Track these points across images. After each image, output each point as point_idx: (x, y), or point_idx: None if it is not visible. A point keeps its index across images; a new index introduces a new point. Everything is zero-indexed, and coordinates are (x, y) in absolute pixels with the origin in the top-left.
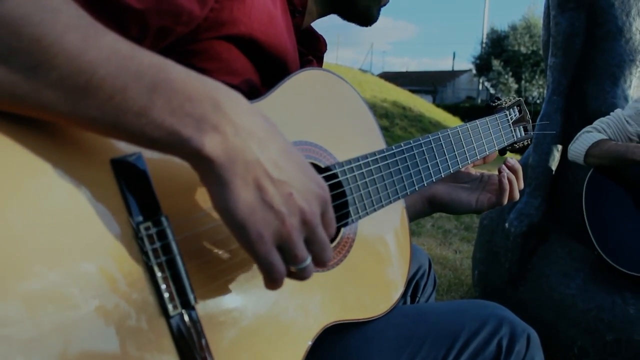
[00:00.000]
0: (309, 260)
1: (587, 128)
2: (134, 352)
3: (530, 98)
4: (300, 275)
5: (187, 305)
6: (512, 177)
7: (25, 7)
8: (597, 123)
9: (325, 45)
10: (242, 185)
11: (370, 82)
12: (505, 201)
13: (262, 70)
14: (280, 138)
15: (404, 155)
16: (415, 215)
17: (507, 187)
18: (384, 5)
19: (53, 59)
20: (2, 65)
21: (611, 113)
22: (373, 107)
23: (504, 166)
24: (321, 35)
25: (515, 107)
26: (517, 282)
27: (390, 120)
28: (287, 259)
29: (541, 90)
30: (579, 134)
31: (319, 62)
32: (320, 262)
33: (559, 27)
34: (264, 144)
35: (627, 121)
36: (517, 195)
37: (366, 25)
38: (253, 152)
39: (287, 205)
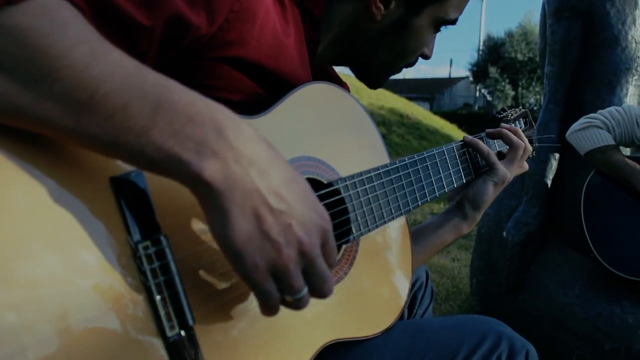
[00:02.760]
0: (305, 291)
1: (597, 121)
2: None
3: (528, 105)
4: (295, 304)
5: (185, 326)
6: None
7: (35, 19)
8: (608, 117)
9: (348, 90)
10: (240, 213)
11: (368, 89)
12: (525, 156)
13: (270, 90)
14: (283, 166)
15: (407, 170)
16: (453, 233)
17: (519, 154)
18: (395, 74)
19: (58, 72)
20: (5, 74)
21: (624, 106)
22: (370, 115)
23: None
24: (345, 82)
25: (521, 118)
26: (516, 291)
27: (388, 127)
28: (282, 288)
29: (538, 97)
30: (587, 121)
31: None
32: (320, 294)
33: (555, 35)
34: (264, 173)
35: (637, 123)
36: (529, 147)
37: (372, 88)
38: (253, 181)
39: (285, 235)
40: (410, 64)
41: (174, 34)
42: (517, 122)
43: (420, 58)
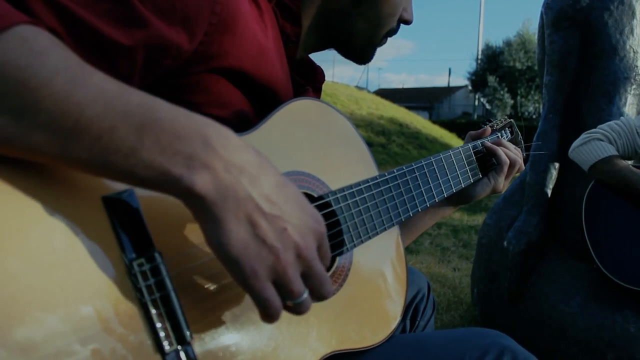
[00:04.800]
0: (305, 295)
1: (597, 134)
2: None
3: (526, 113)
4: (297, 309)
5: (182, 342)
6: (503, 150)
7: (12, 51)
8: (607, 130)
9: (323, 75)
10: (234, 221)
11: (367, 99)
12: (516, 168)
13: (254, 101)
14: (273, 172)
15: (397, 182)
16: (436, 218)
17: (507, 161)
18: (381, 45)
19: (41, 102)
20: None
21: (622, 119)
22: (370, 124)
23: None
24: (319, 66)
25: (506, 128)
26: (517, 300)
27: (387, 137)
28: (283, 293)
29: (537, 105)
30: (587, 136)
31: (317, 93)
32: (320, 296)
33: (553, 45)
34: (255, 179)
35: (637, 133)
36: (522, 163)
37: (361, 64)
38: (244, 188)
39: (282, 240)
40: (393, 31)
41: (155, 54)
42: (502, 131)
43: (402, 25)
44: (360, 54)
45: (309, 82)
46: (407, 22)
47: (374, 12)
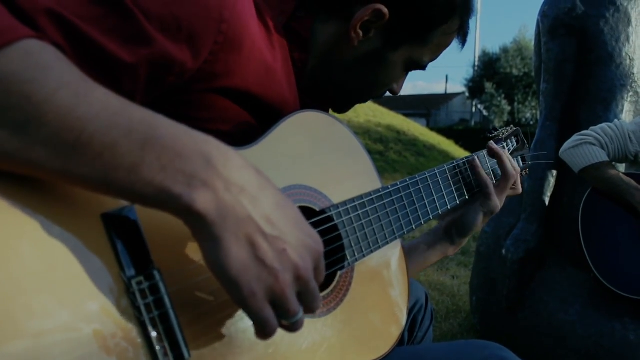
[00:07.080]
0: (301, 314)
1: (590, 137)
2: None
3: (524, 120)
4: (291, 328)
5: None
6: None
7: (16, 65)
8: (600, 133)
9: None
10: (234, 241)
11: (364, 106)
12: (511, 181)
13: (260, 120)
14: (273, 192)
15: (400, 194)
16: (439, 254)
17: (510, 184)
18: (361, 103)
19: (43, 116)
20: None
21: (616, 122)
22: (367, 132)
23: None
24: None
25: (512, 137)
26: (516, 308)
27: (385, 144)
28: (279, 313)
29: (534, 112)
30: (580, 138)
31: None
32: (309, 311)
33: (550, 53)
34: (255, 199)
35: (630, 138)
36: (518, 185)
37: (335, 112)
38: (245, 208)
39: (281, 261)
40: (379, 96)
41: (159, 71)
42: (509, 140)
43: (387, 92)
44: (341, 104)
45: (318, 101)
46: (393, 93)
47: (373, 76)
